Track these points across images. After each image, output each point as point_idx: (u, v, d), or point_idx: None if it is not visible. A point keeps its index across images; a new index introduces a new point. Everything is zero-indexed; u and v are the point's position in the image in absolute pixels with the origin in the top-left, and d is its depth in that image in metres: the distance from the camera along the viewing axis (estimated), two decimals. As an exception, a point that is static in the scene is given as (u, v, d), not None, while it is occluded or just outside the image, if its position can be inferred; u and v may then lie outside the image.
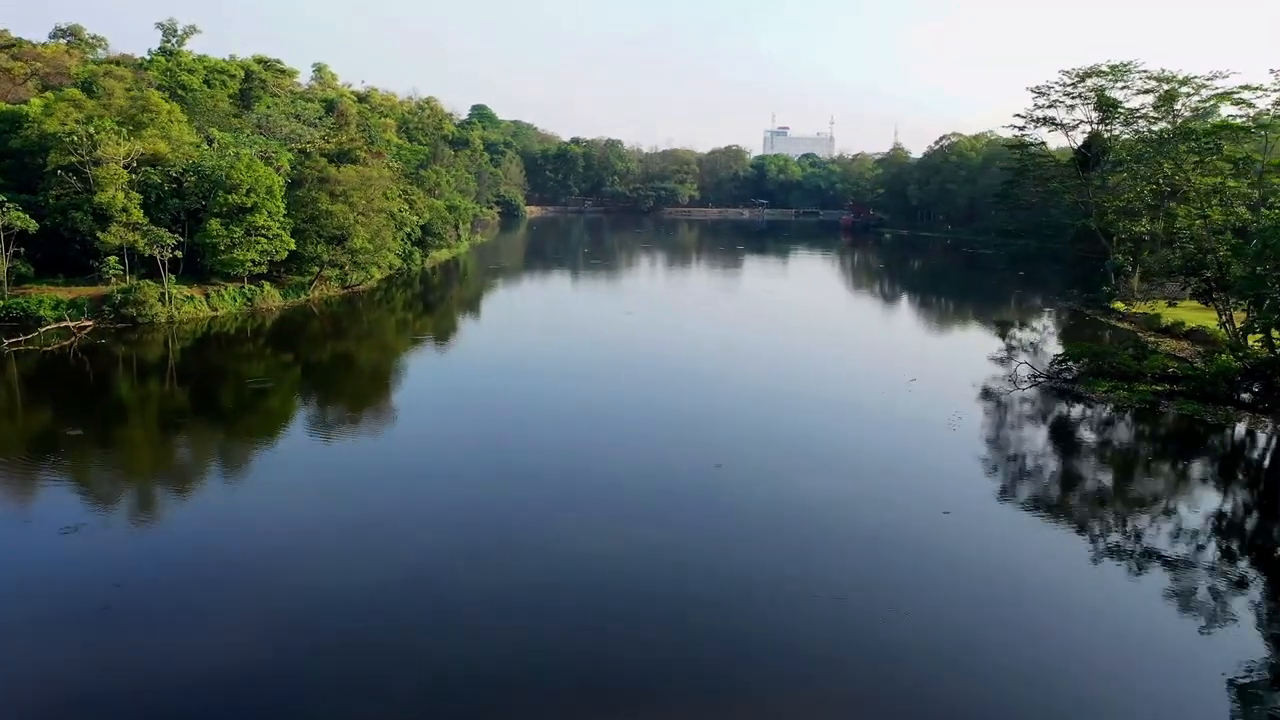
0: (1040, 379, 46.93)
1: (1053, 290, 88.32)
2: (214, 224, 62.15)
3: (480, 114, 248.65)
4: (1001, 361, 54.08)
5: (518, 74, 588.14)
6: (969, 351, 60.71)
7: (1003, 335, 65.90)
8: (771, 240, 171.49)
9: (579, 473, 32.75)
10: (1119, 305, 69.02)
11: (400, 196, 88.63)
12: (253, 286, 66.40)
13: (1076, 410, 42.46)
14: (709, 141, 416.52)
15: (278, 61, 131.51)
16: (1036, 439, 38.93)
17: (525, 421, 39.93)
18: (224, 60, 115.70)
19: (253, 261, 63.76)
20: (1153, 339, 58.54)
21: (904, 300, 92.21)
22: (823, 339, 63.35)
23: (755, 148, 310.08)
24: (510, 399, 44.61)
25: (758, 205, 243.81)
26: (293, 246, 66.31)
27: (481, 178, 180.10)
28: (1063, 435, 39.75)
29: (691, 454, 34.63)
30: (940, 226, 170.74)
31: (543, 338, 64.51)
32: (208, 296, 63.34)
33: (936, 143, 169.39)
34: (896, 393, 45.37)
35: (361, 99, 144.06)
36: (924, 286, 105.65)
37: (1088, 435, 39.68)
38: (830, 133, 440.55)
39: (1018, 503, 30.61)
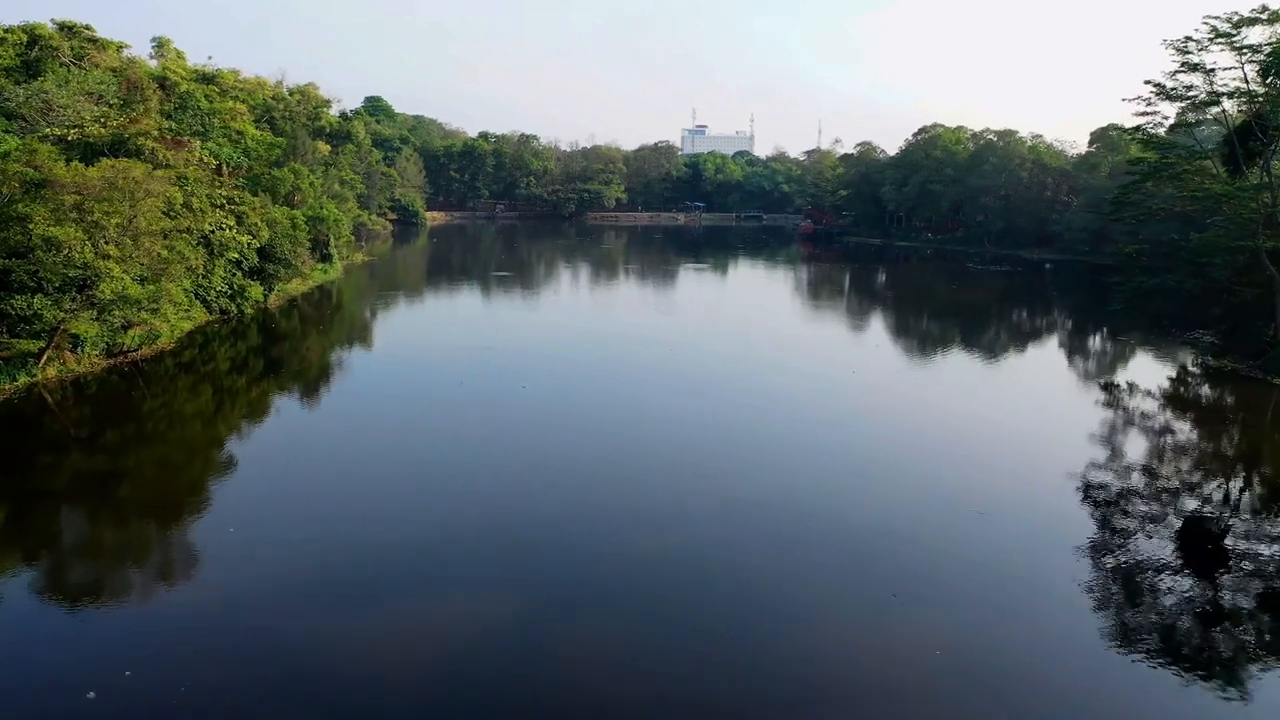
0: None
1: (1139, 329, 64.57)
2: None
3: (374, 106, 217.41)
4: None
5: (417, 64, 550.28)
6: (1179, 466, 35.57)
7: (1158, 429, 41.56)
8: (717, 250, 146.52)
9: None
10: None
11: (223, 206, 60.06)
12: (-90, 372, 37.43)
13: None
14: (629, 139, 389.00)
15: (87, 28, 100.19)
16: None
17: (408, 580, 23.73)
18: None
19: (-110, 333, 34.91)
20: None
21: (958, 354, 62.09)
22: (904, 453, 37.07)
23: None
24: (393, 536, 26.58)
25: (693, 209, 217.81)
26: (-21, 302, 37.51)
27: (371, 179, 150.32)
28: None
29: None
30: (920, 234, 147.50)
31: (440, 417, 39.20)
32: None
33: (916, 135, 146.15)
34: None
35: (207, 79, 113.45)
36: (964, 324, 75.21)
37: None
38: (750, 130, 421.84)
39: None
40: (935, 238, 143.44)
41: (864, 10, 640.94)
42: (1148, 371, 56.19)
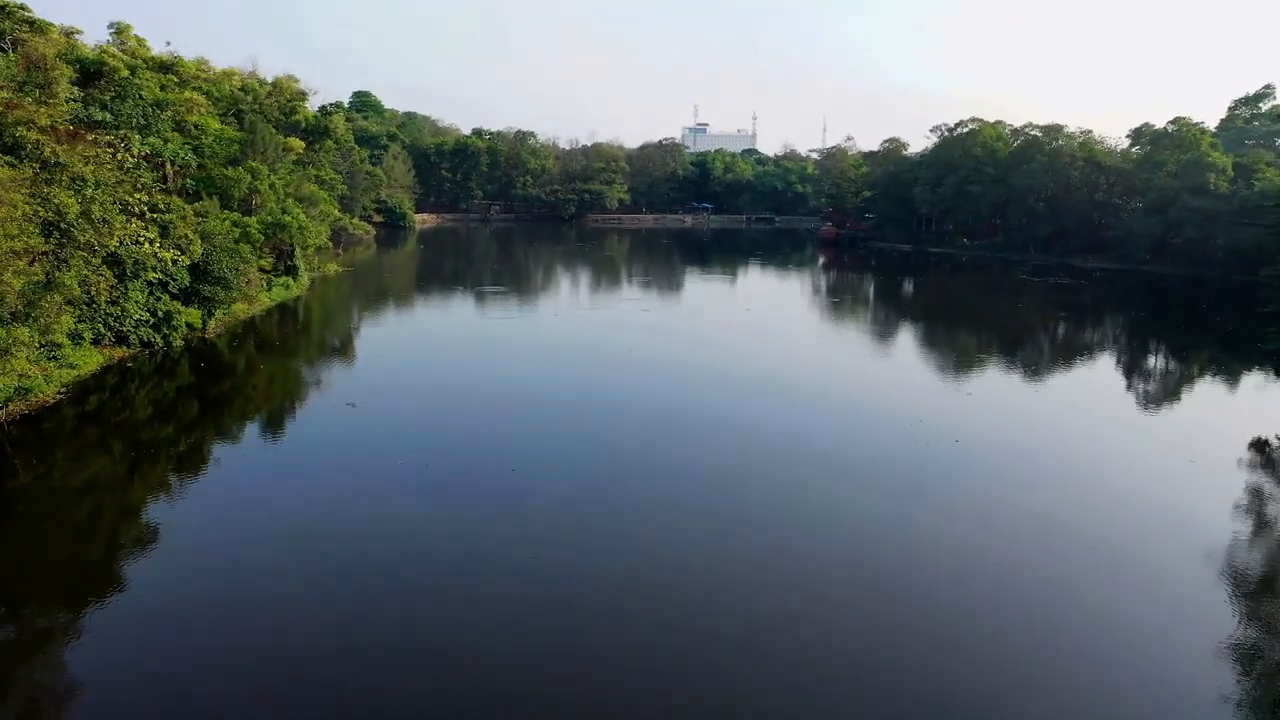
0: None
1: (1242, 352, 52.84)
2: None
3: (363, 102, 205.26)
4: None
5: (412, 60, 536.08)
6: None
7: None
8: (731, 256, 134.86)
9: None
10: None
11: (143, 215, 48.10)
12: None
13: None
14: (630, 138, 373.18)
15: (22, 8, 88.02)
16: None
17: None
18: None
19: None
20: None
21: (1062, 399, 49.39)
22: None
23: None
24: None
25: (701, 211, 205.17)
26: None
27: (354, 179, 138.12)
28: None
29: None
30: (953, 239, 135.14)
31: (394, 529, 26.59)
32: None
33: (952, 130, 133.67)
34: None
35: (165, 67, 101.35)
36: (1052, 357, 61.83)
37: None
38: (753, 129, 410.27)
39: None
40: (971, 243, 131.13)
41: (867, 7, 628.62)
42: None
